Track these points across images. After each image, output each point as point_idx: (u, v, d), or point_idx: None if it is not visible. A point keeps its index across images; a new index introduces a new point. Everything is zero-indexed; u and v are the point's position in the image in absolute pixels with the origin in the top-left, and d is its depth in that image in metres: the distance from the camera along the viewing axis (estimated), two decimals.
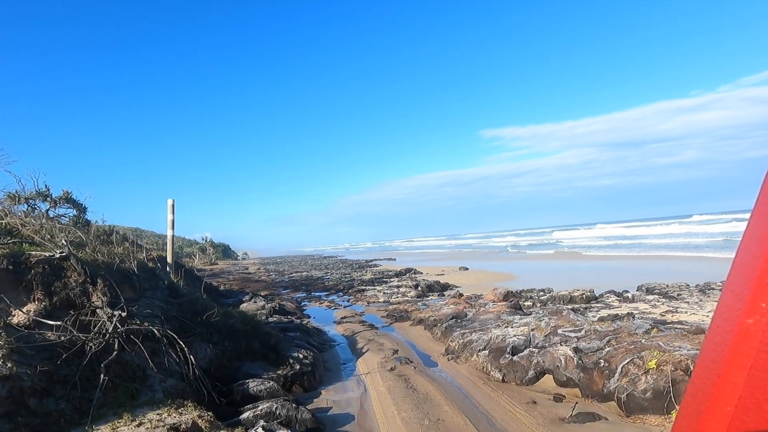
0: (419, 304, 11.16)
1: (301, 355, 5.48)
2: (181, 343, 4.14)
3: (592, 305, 10.57)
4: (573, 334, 5.07)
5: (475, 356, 5.64)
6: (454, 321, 7.44)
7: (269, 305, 10.02)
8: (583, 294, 12.16)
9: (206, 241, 43.62)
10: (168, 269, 6.01)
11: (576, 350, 4.63)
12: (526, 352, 5.11)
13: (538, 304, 10.91)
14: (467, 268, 23.44)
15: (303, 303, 12.74)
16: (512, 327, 6.08)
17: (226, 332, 5.23)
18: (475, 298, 10.43)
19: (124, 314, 3.82)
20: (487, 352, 5.48)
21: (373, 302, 12.21)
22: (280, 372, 5.13)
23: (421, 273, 22.40)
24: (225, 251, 51.44)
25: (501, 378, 4.98)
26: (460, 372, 5.51)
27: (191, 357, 4.16)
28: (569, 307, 10.49)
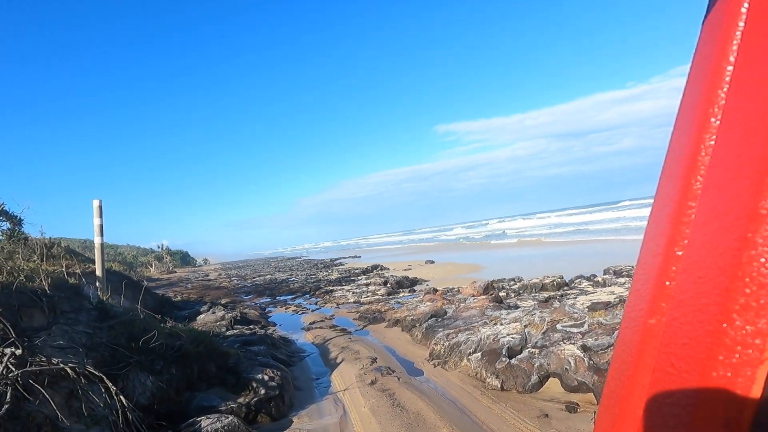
0: (392, 302, 10.40)
1: (266, 377, 4.57)
2: (106, 381, 3.16)
3: (567, 292, 10.18)
4: (575, 330, 4.45)
5: (465, 361, 4.92)
6: (435, 320, 6.72)
7: (229, 315, 8.96)
8: (554, 280, 11.80)
9: (162, 249, 41.04)
10: (98, 284, 4.92)
11: (584, 349, 4.00)
12: (525, 353, 4.44)
13: (512, 294, 10.42)
14: (433, 261, 22.98)
15: (267, 309, 11.69)
16: (502, 324, 5.42)
17: (173, 357, 4.25)
18: (452, 292, 9.78)
19: (19, 352, 2.80)
20: (479, 355, 4.78)
21: (343, 303, 11.34)
22: (241, 400, 4.20)
23: (388, 269, 21.74)
24: (183, 258, 48.77)
25: (500, 386, 4.29)
26: (451, 381, 4.78)
27: (121, 398, 3.19)
28: (545, 295, 10.06)
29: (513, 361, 4.40)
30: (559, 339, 4.37)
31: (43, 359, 3.02)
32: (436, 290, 10.34)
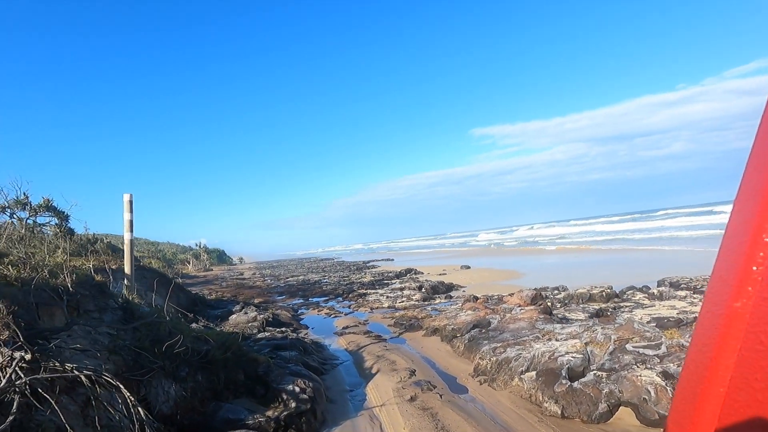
0: (428, 308, 9.88)
1: (297, 388, 4.19)
2: (123, 390, 2.85)
3: (620, 304, 9.36)
4: (650, 352, 3.83)
5: (517, 380, 4.38)
6: (478, 331, 6.18)
7: (261, 316, 8.71)
8: (603, 291, 10.98)
9: (200, 247, 42.03)
10: (126, 282, 4.69)
11: (665, 375, 3.39)
12: (589, 376, 3.85)
13: (558, 305, 9.70)
14: (469, 267, 22.25)
15: (300, 311, 11.42)
16: (557, 340, 4.83)
17: (199, 363, 3.94)
18: (496, 301, 9.16)
19: (28, 356, 2.52)
20: (533, 374, 4.22)
21: (377, 308, 10.92)
22: (270, 413, 3.83)
23: (422, 273, 21.21)
24: (220, 257, 49.83)
25: (560, 412, 3.72)
26: (501, 402, 4.24)
27: (139, 409, 2.87)
28: (595, 306, 9.30)
29: (575, 384, 3.82)
30: (632, 362, 3.76)
31: (57, 364, 2.74)
32: (476, 298, 9.75)
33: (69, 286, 3.43)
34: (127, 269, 4.66)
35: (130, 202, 4.57)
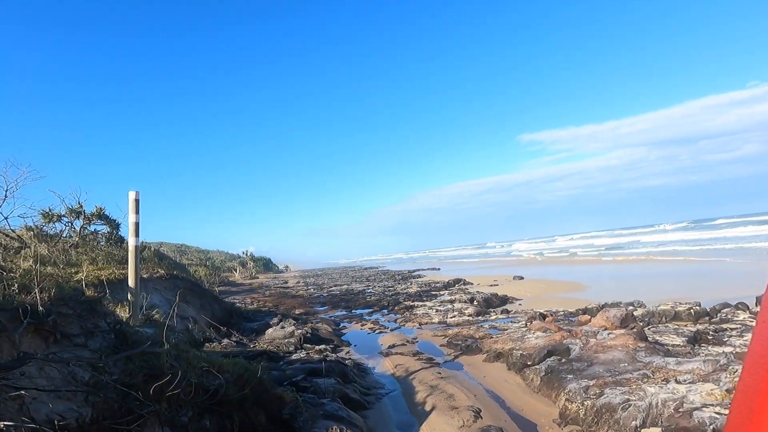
0: (485, 326, 8.65)
1: None
2: None
3: (723, 327, 7.72)
4: None
5: None
6: (556, 361, 4.95)
7: (299, 331, 7.86)
8: (690, 309, 9.33)
9: (247, 255, 42.57)
10: (130, 297, 3.90)
11: None
12: None
13: (640, 324, 8.19)
14: (522, 277, 20.62)
15: (341, 324, 10.52)
16: (679, 382, 3.55)
17: (207, 403, 3.05)
18: (566, 319, 7.81)
19: None
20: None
21: (427, 323, 9.81)
22: None
23: (472, 284, 19.85)
24: (266, 265, 50.37)
25: None
26: None
27: None
28: (689, 328, 7.74)
29: None
30: None
31: None
32: (543, 315, 8.43)
33: (38, 305, 2.64)
34: (131, 281, 3.88)
35: (137, 201, 3.81)
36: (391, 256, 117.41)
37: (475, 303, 13.49)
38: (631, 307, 10.34)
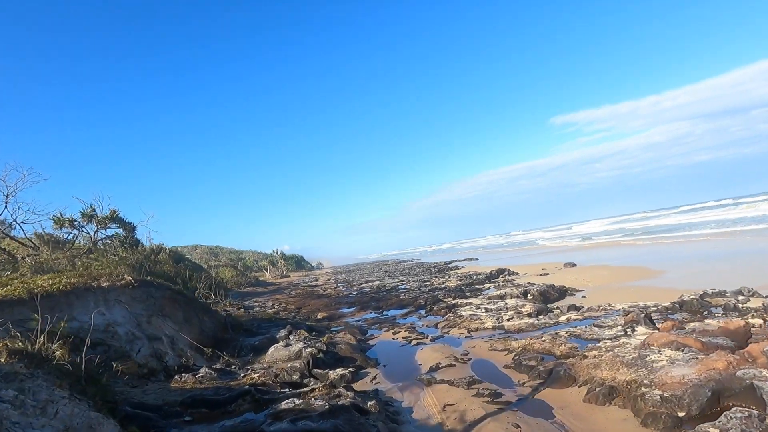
0: (560, 332, 6.27)
1: None
2: None
3: None
4: None
5: None
6: (747, 419, 2.61)
7: (309, 350, 5.76)
8: None
9: (277, 254, 41.26)
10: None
11: None
12: None
13: (759, 322, 5.62)
14: (574, 264, 17.89)
15: (369, 333, 8.39)
16: None
17: None
18: (710, 327, 5.27)
19: None
20: None
21: (477, 329, 7.53)
22: None
23: (518, 274, 17.33)
24: (298, 263, 49.08)
25: None
26: None
27: None
28: None
29: None
30: None
31: None
32: (649, 317, 5.96)
33: None
34: None
35: None
36: (424, 248, 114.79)
37: (529, 296, 11.07)
38: (741, 297, 7.72)
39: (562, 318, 7.76)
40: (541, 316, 8.62)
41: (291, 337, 6.91)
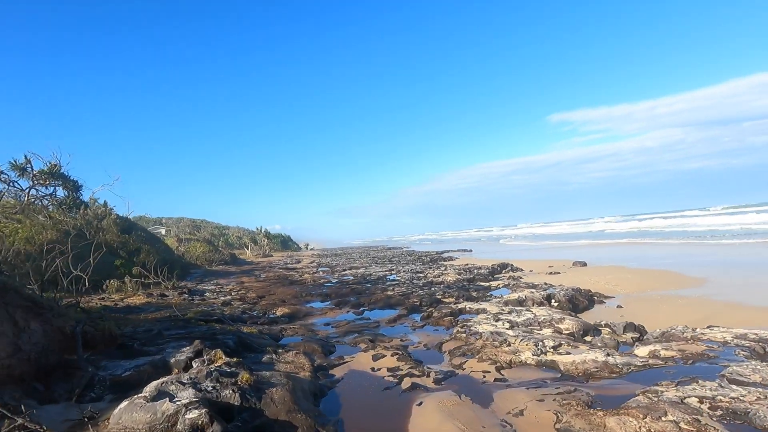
0: (664, 392, 3.33)
1: None
2: None
3: None
4: None
5: None
6: None
7: (194, 414, 2.77)
8: None
9: (261, 231, 38.07)
10: None
11: None
12: None
13: None
14: (585, 263, 15.06)
15: (339, 348, 5.39)
16: None
17: None
18: None
19: None
20: None
21: (511, 363, 4.54)
22: None
23: (522, 270, 14.52)
24: (284, 242, 45.90)
25: None
26: None
27: None
28: None
29: None
30: None
31: None
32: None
33: None
34: None
35: None
36: (415, 236, 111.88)
37: (554, 303, 8.17)
38: None
39: (641, 351, 4.80)
40: (588, 338, 5.73)
41: (194, 364, 3.87)
